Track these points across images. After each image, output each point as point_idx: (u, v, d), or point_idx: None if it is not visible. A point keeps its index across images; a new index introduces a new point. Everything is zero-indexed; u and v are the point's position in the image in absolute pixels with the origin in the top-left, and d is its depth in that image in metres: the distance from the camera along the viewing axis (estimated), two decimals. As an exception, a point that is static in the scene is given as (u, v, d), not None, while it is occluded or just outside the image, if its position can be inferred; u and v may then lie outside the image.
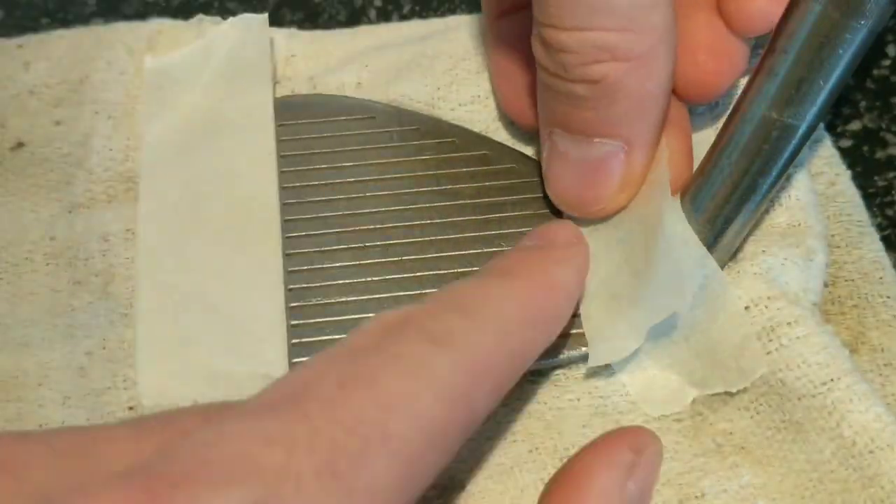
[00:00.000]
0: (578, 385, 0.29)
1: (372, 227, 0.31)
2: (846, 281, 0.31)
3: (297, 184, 0.31)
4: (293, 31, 0.36)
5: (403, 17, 0.38)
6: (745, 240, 0.29)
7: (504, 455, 0.28)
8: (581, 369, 0.29)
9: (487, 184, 0.31)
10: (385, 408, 0.19)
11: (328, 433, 0.18)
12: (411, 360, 0.20)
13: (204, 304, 0.29)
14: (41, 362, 0.29)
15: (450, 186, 0.31)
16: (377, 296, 0.30)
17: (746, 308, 0.28)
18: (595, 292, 0.29)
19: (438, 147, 0.32)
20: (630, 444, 0.25)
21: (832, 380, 0.27)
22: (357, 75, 0.34)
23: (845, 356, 0.27)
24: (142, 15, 0.38)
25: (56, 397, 0.29)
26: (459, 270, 0.30)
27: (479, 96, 0.34)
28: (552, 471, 0.27)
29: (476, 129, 0.33)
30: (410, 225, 0.31)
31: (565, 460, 0.27)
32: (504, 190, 0.31)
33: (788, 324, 0.28)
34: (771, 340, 0.28)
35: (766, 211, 0.29)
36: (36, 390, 0.29)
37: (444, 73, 0.34)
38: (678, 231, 0.27)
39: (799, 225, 0.30)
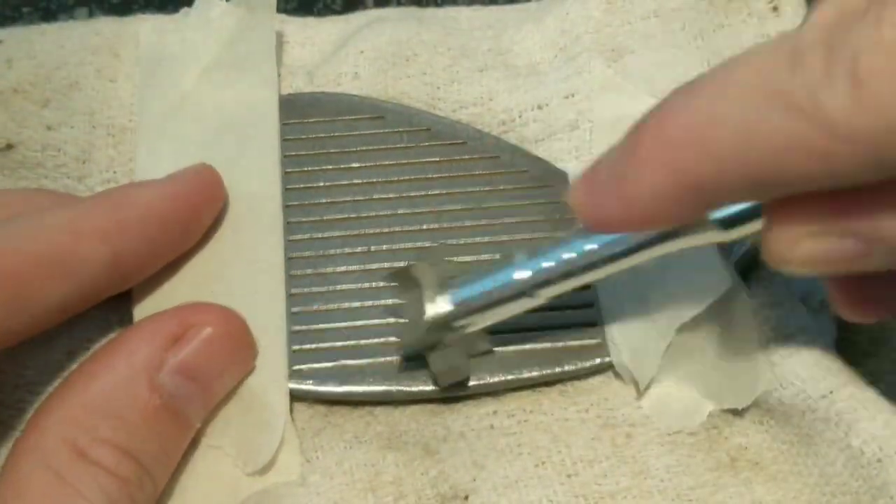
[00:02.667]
0: (586, 396, 0.28)
1: (378, 230, 0.30)
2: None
3: (302, 185, 0.30)
4: (283, 16, 0.34)
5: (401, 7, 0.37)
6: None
7: (509, 468, 0.27)
8: (590, 380, 0.28)
9: (500, 187, 0.30)
10: None
11: None
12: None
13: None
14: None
15: (460, 190, 0.30)
16: (383, 302, 0.29)
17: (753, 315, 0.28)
18: (620, 296, 0.28)
19: (449, 149, 0.31)
20: (180, 318, 0.26)
21: (831, 392, 0.26)
22: (354, 64, 0.32)
23: (839, 368, 0.27)
24: (127, 2, 0.36)
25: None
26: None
27: (481, 98, 0.32)
28: (559, 488, 0.26)
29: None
30: (419, 229, 0.30)
31: (572, 477, 0.26)
32: (517, 194, 0.30)
33: (785, 337, 0.27)
34: (771, 356, 0.27)
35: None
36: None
37: (443, 70, 0.32)
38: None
39: None
